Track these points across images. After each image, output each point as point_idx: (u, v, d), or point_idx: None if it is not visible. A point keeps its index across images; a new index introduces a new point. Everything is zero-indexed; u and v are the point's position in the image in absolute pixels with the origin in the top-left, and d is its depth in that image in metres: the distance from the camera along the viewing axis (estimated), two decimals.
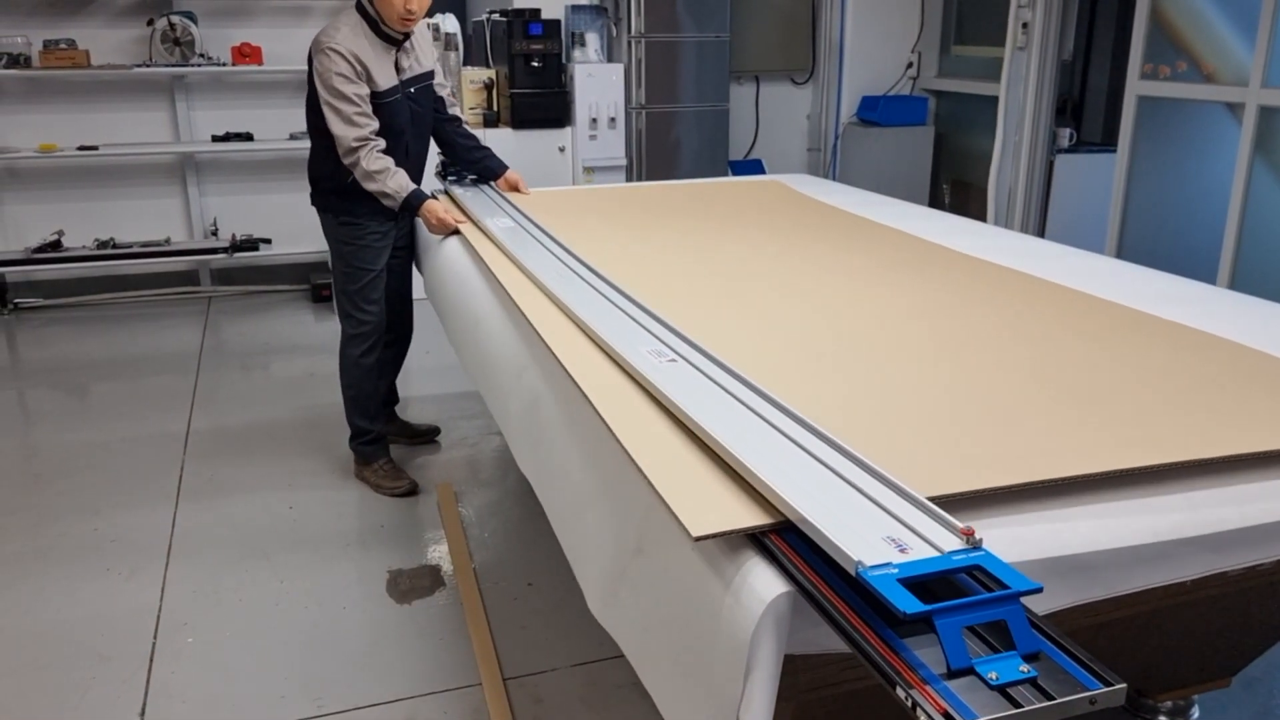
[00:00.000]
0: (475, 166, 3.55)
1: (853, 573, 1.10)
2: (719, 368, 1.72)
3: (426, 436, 3.80)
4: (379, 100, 3.04)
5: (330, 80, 2.94)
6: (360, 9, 3.02)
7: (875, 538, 1.17)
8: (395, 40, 3.07)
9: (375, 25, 3.02)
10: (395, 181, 3.05)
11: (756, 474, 1.32)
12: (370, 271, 3.24)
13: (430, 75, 3.27)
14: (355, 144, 2.98)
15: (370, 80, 3.01)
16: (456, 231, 3.03)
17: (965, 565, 1.12)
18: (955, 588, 1.11)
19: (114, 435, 3.87)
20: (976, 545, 1.15)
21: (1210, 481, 1.41)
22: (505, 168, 3.54)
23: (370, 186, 3.05)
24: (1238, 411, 1.60)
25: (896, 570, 1.09)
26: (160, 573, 2.89)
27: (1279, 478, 1.43)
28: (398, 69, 3.11)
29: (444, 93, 3.40)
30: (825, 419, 1.51)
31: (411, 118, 3.19)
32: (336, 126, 2.97)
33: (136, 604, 2.74)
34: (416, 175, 3.22)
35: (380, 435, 3.45)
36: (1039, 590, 1.08)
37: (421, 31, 3.22)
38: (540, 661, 2.49)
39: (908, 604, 1.03)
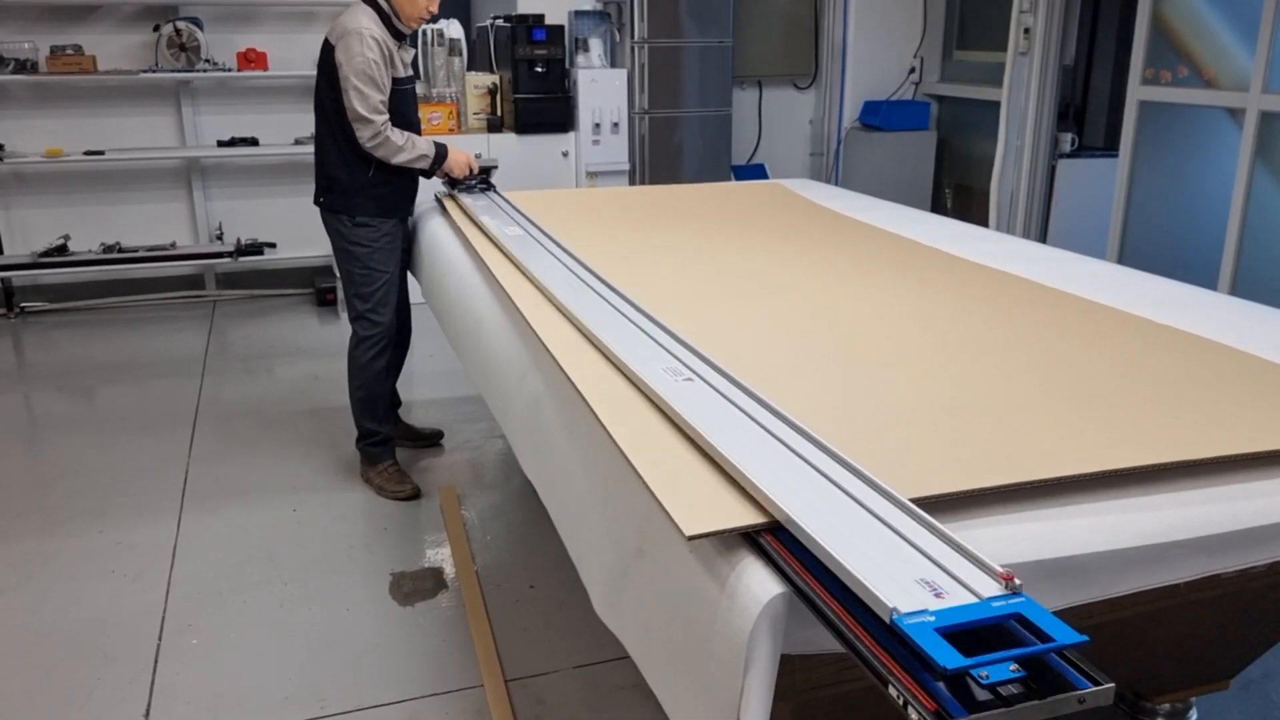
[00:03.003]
0: None
1: (887, 620, 1.05)
2: (719, 373, 1.73)
3: (430, 440, 3.82)
4: (397, 86, 3.13)
5: (366, 66, 3.00)
6: (372, 2, 3.08)
7: (909, 580, 1.12)
8: (402, 35, 3.15)
9: (387, 20, 3.09)
10: (424, 142, 3.18)
11: (785, 511, 1.25)
12: (385, 273, 3.27)
13: (415, 78, 3.38)
14: (381, 125, 3.06)
15: (392, 66, 3.10)
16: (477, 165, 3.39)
17: (1006, 614, 1.06)
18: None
19: (120, 438, 3.89)
20: (1016, 590, 1.10)
21: (1202, 482, 1.43)
22: None
23: (402, 158, 3.12)
24: (1230, 413, 1.61)
25: (933, 619, 1.04)
26: (165, 574, 2.91)
27: (1270, 479, 1.44)
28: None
29: None
30: (819, 420, 1.52)
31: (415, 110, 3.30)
32: (364, 110, 3.02)
33: (142, 605, 2.76)
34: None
35: (388, 437, 3.47)
36: (1086, 642, 1.02)
37: None
38: (542, 663, 2.50)
39: (948, 659, 0.98)
